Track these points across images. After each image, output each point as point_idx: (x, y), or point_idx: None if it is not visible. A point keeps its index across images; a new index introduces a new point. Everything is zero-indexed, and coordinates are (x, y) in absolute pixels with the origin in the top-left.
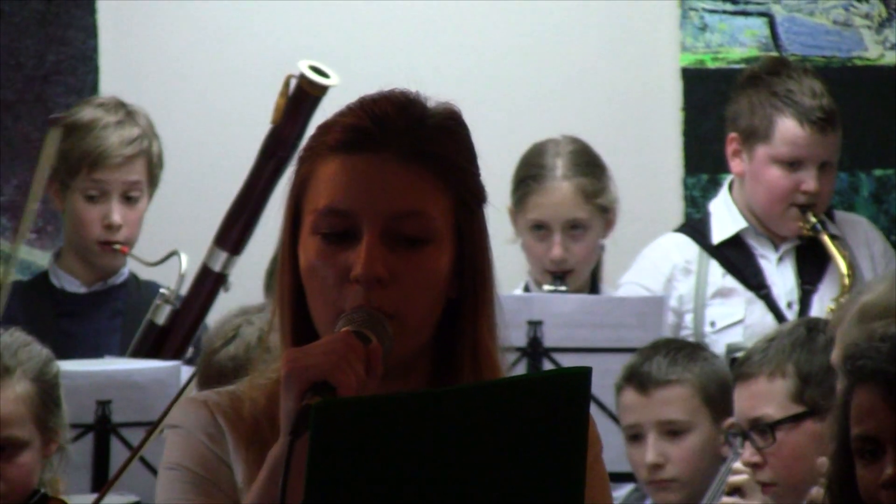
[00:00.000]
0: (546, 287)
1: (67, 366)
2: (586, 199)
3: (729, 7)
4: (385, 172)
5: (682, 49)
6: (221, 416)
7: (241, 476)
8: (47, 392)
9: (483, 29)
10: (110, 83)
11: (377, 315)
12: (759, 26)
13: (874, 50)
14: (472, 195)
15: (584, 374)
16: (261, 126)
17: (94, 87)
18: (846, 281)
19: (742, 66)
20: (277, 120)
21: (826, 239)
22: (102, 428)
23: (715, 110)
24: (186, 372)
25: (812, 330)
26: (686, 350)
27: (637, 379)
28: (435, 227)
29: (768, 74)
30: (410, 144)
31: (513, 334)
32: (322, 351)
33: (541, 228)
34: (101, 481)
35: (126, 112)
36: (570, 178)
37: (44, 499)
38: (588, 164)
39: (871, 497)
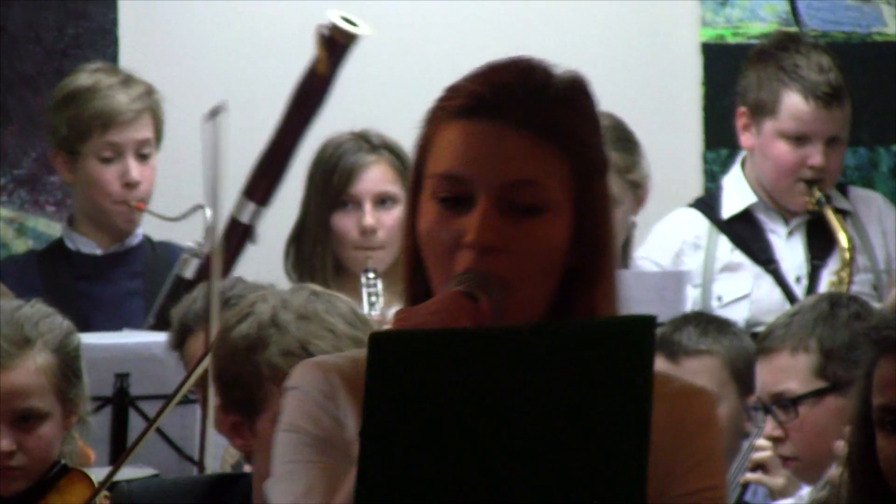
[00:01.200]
0: None
1: (86, 338)
2: (617, 173)
3: None
4: (502, 141)
5: (702, 24)
6: (336, 374)
7: (353, 430)
8: (68, 364)
9: (496, 8)
10: (130, 57)
11: (488, 277)
12: (779, 1)
13: (894, 26)
14: (591, 165)
15: (650, 321)
16: (279, 94)
17: (114, 61)
18: (846, 255)
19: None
20: (322, 69)
21: (829, 213)
22: (121, 401)
23: (735, 85)
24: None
25: (835, 305)
26: (716, 324)
27: (667, 347)
28: (550, 197)
29: (777, 49)
30: (529, 113)
31: None
32: (431, 311)
33: None
34: (120, 454)
35: (123, 73)
36: None
37: (64, 470)
38: (620, 139)
39: (890, 468)
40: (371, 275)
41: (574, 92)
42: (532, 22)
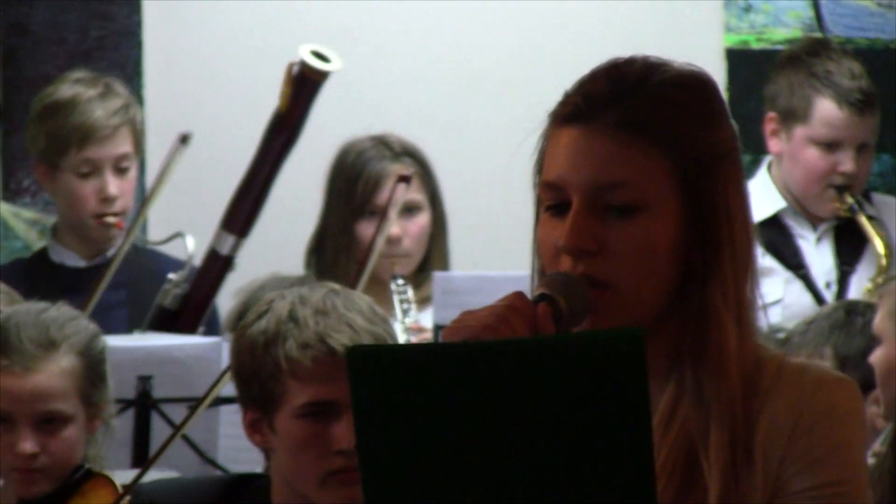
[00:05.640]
0: None
1: (109, 341)
2: None
3: None
4: (590, 144)
5: (726, 29)
6: None
7: None
8: (93, 367)
9: (516, 9)
10: (154, 59)
11: (574, 279)
12: (803, 7)
13: None
14: (695, 160)
15: (637, 334)
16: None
17: (137, 63)
18: (883, 262)
19: (786, 46)
20: (284, 107)
21: (863, 219)
22: (143, 403)
23: (759, 91)
24: (228, 348)
25: (851, 313)
26: None
27: None
28: (647, 196)
29: (807, 55)
30: (617, 114)
31: None
32: (485, 312)
33: None
34: (142, 457)
35: (104, 84)
36: None
37: (87, 474)
38: None
39: None
40: (400, 281)
41: (671, 88)
42: (552, 24)
